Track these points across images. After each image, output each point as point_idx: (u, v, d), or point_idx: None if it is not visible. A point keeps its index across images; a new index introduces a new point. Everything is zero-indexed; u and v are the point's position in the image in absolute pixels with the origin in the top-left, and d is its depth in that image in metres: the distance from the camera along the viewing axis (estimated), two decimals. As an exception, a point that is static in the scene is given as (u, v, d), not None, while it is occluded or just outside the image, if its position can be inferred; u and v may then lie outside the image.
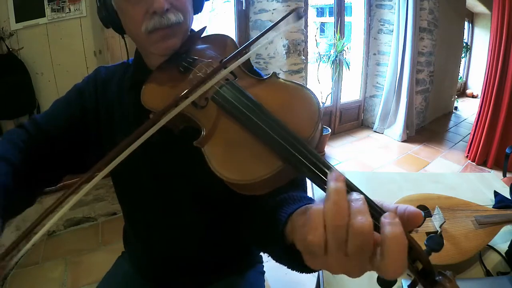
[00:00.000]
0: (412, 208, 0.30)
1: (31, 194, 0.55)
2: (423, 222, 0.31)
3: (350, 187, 0.32)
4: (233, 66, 0.44)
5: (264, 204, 0.47)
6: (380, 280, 0.30)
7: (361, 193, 0.31)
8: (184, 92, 0.42)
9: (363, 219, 0.27)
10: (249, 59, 0.55)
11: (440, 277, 0.30)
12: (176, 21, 0.52)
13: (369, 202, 0.30)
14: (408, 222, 0.29)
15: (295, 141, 0.35)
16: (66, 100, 0.64)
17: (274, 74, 0.47)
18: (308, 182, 0.48)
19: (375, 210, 0.30)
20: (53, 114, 0.62)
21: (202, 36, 0.61)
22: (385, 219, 0.28)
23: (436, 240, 0.32)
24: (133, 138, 0.37)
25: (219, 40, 0.59)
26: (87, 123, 0.62)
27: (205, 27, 0.62)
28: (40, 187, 0.57)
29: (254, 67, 0.58)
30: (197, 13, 0.62)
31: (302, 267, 0.39)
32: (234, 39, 0.59)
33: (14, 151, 0.53)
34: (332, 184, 0.29)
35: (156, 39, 0.53)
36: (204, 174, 0.38)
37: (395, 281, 0.30)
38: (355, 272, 0.30)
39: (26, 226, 0.32)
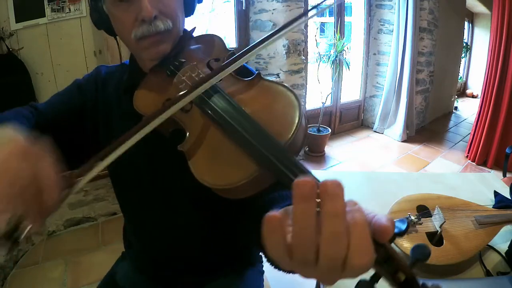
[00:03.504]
0: (380, 220, 0.26)
1: None
2: (394, 237, 0.27)
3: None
4: (220, 75, 0.43)
5: (256, 203, 0.47)
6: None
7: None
8: (173, 99, 0.41)
9: (336, 246, 0.24)
10: None
11: None
12: (164, 28, 0.52)
13: None
14: (375, 235, 0.26)
15: (271, 145, 0.35)
16: (66, 93, 0.65)
17: (259, 75, 0.47)
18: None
19: None
20: (52, 103, 0.63)
21: (192, 36, 0.61)
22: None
23: (421, 250, 0.30)
24: (121, 140, 0.37)
25: (208, 40, 0.59)
26: (85, 118, 0.63)
27: (195, 27, 0.61)
28: None
29: (245, 64, 0.58)
30: (189, 16, 0.61)
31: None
32: (234, 39, 0.59)
33: (27, 122, 0.54)
34: (297, 204, 0.25)
35: (145, 45, 0.53)
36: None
37: None
38: (328, 282, 0.26)
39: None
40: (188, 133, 0.43)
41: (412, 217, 0.76)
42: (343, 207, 0.24)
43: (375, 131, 3.60)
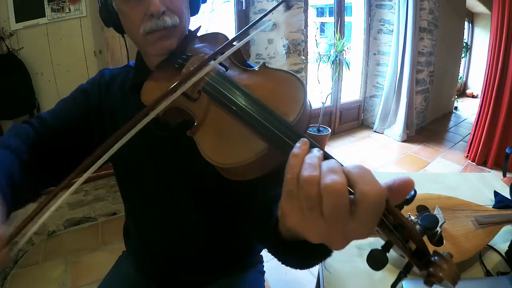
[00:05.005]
0: (401, 177, 0.29)
1: (35, 189, 0.56)
2: (403, 203, 0.30)
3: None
4: (222, 57, 0.46)
5: (262, 197, 0.48)
6: (370, 259, 0.28)
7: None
8: (175, 84, 0.43)
9: (335, 177, 0.27)
10: (241, 53, 0.57)
11: (435, 257, 0.29)
12: (171, 24, 0.54)
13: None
14: (399, 192, 0.28)
15: (279, 123, 0.37)
16: (71, 99, 0.66)
17: (264, 64, 0.49)
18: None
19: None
20: (58, 111, 0.64)
21: (197, 35, 0.63)
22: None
23: (430, 219, 0.31)
24: (126, 129, 0.38)
25: (213, 37, 0.61)
26: (92, 123, 0.64)
27: (200, 26, 0.63)
28: (44, 184, 0.58)
29: (247, 61, 0.59)
30: (194, 15, 0.63)
31: (296, 262, 0.40)
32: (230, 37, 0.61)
33: (22, 145, 0.55)
34: (310, 152, 0.30)
35: (153, 40, 0.55)
36: (201, 166, 0.40)
37: (386, 261, 0.28)
38: (337, 240, 0.28)
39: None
40: (197, 120, 0.45)
41: (412, 217, 0.76)
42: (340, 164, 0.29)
43: (375, 131, 3.60)
